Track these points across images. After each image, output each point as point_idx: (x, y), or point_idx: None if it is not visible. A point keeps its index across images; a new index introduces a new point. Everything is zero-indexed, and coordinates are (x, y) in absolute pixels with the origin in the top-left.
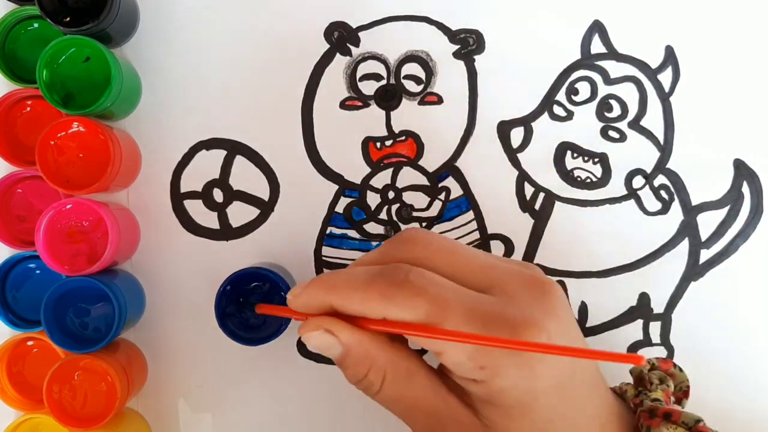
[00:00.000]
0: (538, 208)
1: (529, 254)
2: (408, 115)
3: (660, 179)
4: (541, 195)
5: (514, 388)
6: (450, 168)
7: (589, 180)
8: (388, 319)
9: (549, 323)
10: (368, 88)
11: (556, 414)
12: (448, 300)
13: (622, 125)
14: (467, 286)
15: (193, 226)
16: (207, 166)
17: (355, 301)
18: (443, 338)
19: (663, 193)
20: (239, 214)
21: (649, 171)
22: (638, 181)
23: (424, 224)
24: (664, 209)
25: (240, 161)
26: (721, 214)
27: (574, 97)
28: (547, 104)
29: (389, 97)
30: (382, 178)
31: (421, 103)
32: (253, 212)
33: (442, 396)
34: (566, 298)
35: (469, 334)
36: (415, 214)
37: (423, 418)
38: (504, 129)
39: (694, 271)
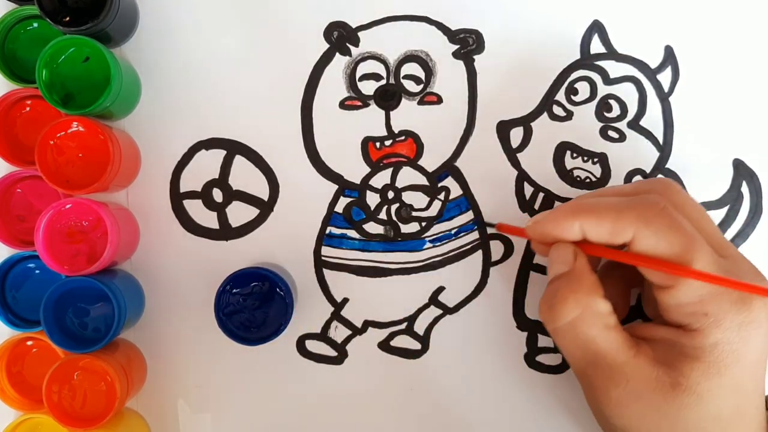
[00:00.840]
0: (538, 208)
1: (528, 254)
2: (407, 115)
3: None
4: (541, 195)
5: (728, 344)
6: (449, 168)
7: (588, 180)
8: (636, 247)
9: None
10: (368, 87)
11: (742, 386)
12: (699, 242)
13: (622, 125)
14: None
15: (192, 226)
16: (206, 166)
17: (609, 219)
18: (686, 274)
19: None
20: (239, 214)
21: (648, 171)
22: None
23: (423, 224)
24: None
25: (239, 161)
26: (720, 213)
27: (573, 97)
28: (546, 104)
29: (389, 97)
30: (381, 178)
31: (421, 102)
32: (252, 212)
33: (632, 354)
34: None
35: (711, 275)
36: (414, 213)
37: (606, 370)
38: (503, 129)
39: None
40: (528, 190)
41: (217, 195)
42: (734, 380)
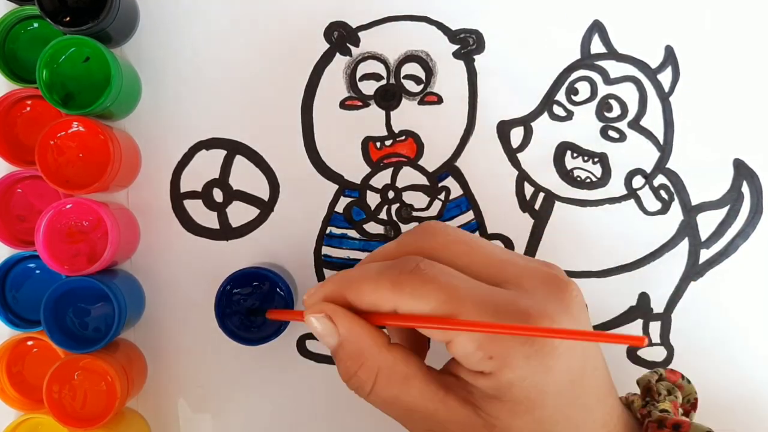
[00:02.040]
0: (538, 208)
1: (529, 254)
2: (408, 115)
3: (660, 179)
4: (541, 195)
5: (523, 380)
6: (450, 168)
7: (588, 180)
8: (399, 310)
9: (562, 319)
10: (368, 87)
11: (562, 415)
12: (459, 289)
13: (622, 125)
14: (482, 279)
15: (192, 226)
16: (207, 165)
17: (367, 291)
18: (452, 328)
19: (663, 193)
20: (239, 213)
21: (648, 171)
22: (638, 181)
23: None
24: (664, 209)
25: (240, 161)
26: (720, 213)
27: (573, 97)
28: (546, 104)
29: (389, 97)
30: (382, 178)
31: (421, 102)
32: (252, 212)
33: (440, 398)
34: (583, 299)
35: (477, 322)
36: (414, 213)
37: (422, 422)
38: (504, 129)
39: (693, 271)
40: (528, 190)
41: (218, 195)
42: (548, 412)
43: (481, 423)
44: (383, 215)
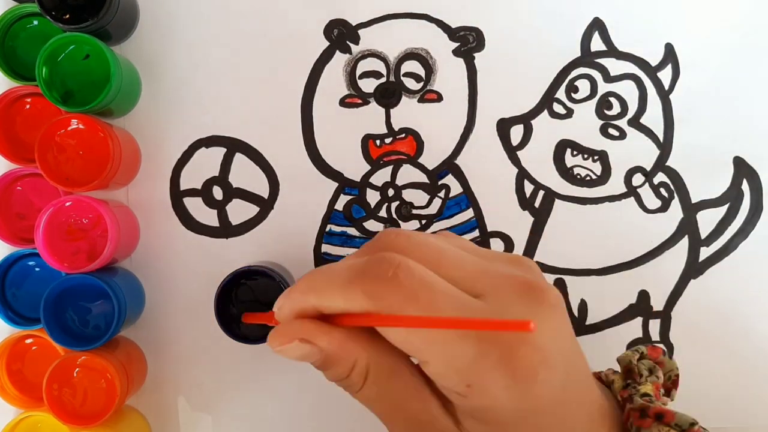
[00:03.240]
0: (538, 206)
1: (529, 252)
2: (408, 113)
3: (660, 177)
4: (541, 193)
5: (502, 408)
6: (450, 165)
7: (588, 178)
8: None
9: (544, 339)
10: (368, 85)
11: (543, 429)
12: (439, 308)
13: (622, 123)
14: (456, 287)
15: (192, 224)
16: (206, 163)
17: (338, 301)
18: (424, 325)
19: (663, 191)
20: (239, 211)
21: (648, 169)
22: (638, 179)
23: (423, 222)
24: (664, 207)
25: (239, 159)
26: (720, 211)
27: (573, 95)
28: (546, 102)
29: (389, 95)
30: (381, 176)
31: (421, 100)
32: (252, 210)
33: (423, 400)
34: (563, 302)
35: (433, 319)
36: (414, 211)
37: (402, 422)
38: (504, 126)
39: (693, 268)
40: (528, 187)
41: (217, 192)
42: (528, 428)
43: None
44: (383, 213)
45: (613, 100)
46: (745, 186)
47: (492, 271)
